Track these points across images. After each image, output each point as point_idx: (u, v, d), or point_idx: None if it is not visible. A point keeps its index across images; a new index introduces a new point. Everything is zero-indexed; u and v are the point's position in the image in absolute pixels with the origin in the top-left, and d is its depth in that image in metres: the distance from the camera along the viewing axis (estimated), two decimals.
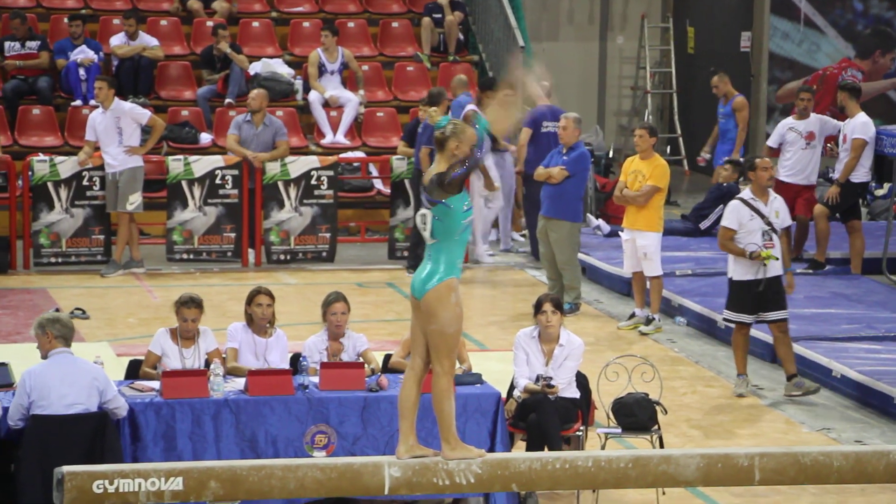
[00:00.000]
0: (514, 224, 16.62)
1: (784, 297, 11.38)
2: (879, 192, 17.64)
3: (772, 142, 15.17)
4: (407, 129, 16.12)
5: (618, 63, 21.31)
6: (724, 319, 11.71)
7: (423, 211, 7.12)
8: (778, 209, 11.41)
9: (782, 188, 14.93)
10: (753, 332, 12.71)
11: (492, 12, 18.55)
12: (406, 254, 15.49)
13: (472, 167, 7.00)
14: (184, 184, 15.20)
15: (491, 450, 8.96)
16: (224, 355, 9.50)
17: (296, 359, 9.66)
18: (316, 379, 9.18)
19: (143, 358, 9.50)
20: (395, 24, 18.27)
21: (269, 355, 9.56)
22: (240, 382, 9.09)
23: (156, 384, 8.97)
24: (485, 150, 6.95)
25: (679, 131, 20.96)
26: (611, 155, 19.36)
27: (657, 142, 13.88)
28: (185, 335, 9.44)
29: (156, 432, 8.72)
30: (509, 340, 10.24)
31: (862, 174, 14.69)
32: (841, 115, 15.34)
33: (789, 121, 15.18)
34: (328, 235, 15.50)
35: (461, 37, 18.52)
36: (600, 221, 16.45)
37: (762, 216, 11.34)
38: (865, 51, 19.95)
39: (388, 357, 9.85)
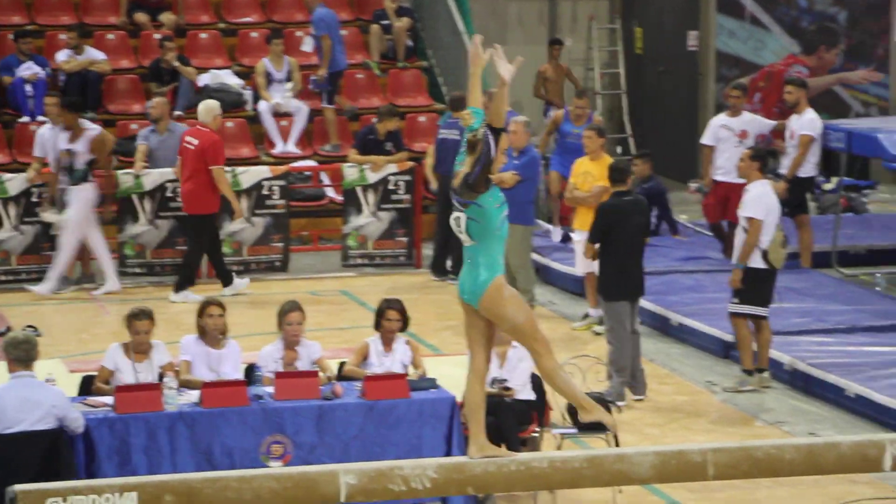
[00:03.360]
0: None
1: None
2: (828, 187, 17.78)
3: (706, 139, 15.15)
4: (358, 137, 16.15)
5: (566, 65, 21.37)
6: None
7: (456, 214, 7.05)
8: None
9: (716, 187, 15.01)
10: (705, 327, 12.82)
11: (440, 18, 18.57)
12: (403, 259, 15.67)
13: (485, 163, 6.94)
14: (134, 197, 15.16)
15: (447, 454, 8.99)
16: (177, 368, 9.48)
17: (250, 370, 9.66)
18: (271, 389, 9.18)
19: (96, 374, 9.48)
20: (343, 32, 18.26)
21: (223, 367, 9.55)
22: (194, 395, 9.08)
23: (109, 399, 8.95)
24: (490, 143, 6.92)
25: (629, 131, 21.06)
26: None
27: (606, 142, 13.94)
28: (137, 349, 9.42)
29: (110, 448, 8.69)
30: (463, 344, 10.24)
31: (809, 169, 14.80)
32: (788, 111, 15.44)
33: (722, 118, 15.19)
34: (281, 245, 15.48)
35: (410, 43, 18.54)
36: (550, 226, 16.49)
37: None
38: (811, 47, 20.11)
39: (342, 365, 9.87)
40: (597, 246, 11.49)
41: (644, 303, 13.63)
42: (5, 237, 14.88)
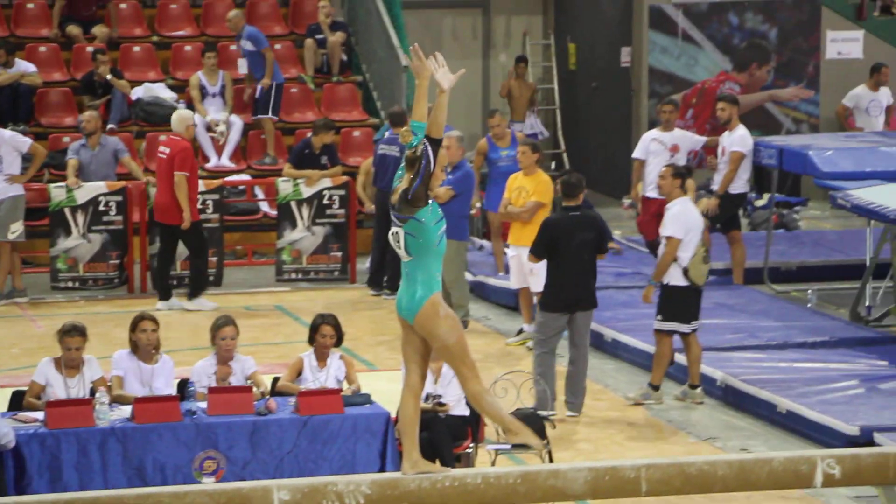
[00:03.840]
0: None
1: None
2: (759, 203, 17.93)
3: (638, 153, 15.20)
4: (294, 151, 16.12)
5: (501, 80, 21.43)
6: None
7: (394, 230, 7.03)
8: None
9: (647, 204, 15.05)
10: (638, 342, 12.89)
11: (374, 32, 18.58)
12: (337, 274, 15.58)
13: (425, 176, 6.93)
14: (67, 211, 15.05)
15: (381, 470, 8.99)
16: (109, 383, 9.41)
17: (183, 385, 9.61)
18: (204, 404, 9.14)
19: (26, 389, 9.39)
20: (278, 46, 18.23)
21: (155, 382, 9.49)
22: (126, 410, 9.02)
23: (40, 415, 8.88)
24: (430, 156, 6.90)
25: (563, 146, 21.15)
26: None
27: (541, 158, 13.99)
28: (69, 364, 9.35)
29: (41, 464, 8.62)
30: (398, 360, 10.24)
31: (740, 186, 14.91)
32: (720, 127, 15.54)
33: (654, 132, 15.27)
34: (215, 259, 15.41)
35: (344, 57, 18.53)
36: (483, 242, 16.51)
37: None
38: (742, 64, 20.28)
39: (276, 380, 9.83)
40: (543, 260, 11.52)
41: None
42: None
